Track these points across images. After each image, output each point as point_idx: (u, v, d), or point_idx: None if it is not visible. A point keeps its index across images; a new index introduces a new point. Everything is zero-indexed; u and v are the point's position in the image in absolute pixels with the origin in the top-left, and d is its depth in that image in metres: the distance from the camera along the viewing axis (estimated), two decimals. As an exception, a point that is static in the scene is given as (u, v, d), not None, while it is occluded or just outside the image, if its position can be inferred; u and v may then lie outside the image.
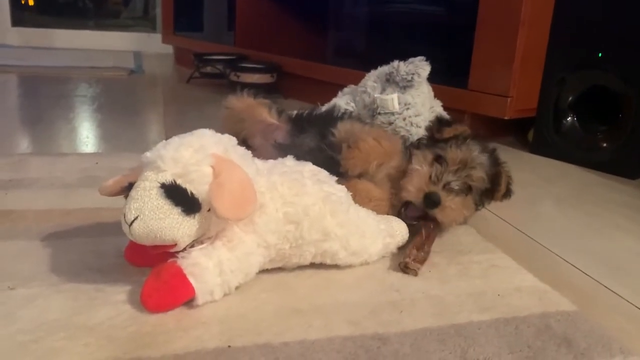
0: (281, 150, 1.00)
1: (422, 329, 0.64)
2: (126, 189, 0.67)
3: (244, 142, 1.11)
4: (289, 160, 0.80)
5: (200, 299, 0.65)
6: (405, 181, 0.87)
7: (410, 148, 0.95)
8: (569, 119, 1.49)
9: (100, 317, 0.62)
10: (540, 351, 0.61)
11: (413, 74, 1.21)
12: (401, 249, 0.83)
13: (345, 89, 1.42)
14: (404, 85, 1.23)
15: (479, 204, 0.91)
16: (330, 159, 0.93)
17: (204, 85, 2.42)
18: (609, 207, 1.16)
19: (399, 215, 0.87)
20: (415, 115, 1.23)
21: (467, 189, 0.87)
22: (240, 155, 0.70)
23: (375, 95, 1.24)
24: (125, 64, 2.94)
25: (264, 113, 1.09)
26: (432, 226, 0.83)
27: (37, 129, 1.53)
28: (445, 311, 0.68)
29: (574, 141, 1.48)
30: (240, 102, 1.12)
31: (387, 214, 0.88)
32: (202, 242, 0.68)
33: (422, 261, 0.75)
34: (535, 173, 1.42)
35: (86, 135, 1.50)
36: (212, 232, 0.67)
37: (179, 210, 0.63)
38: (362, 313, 0.66)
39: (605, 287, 0.80)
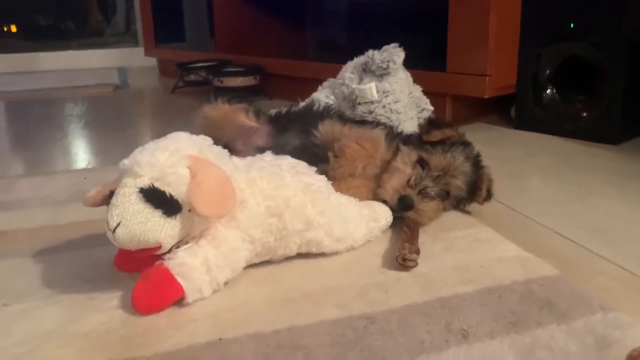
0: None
1: (407, 305, 0.65)
2: (108, 198, 0.69)
3: (225, 147, 1.12)
4: (267, 156, 0.81)
5: (189, 297, 0.66)
6: (385, 178, 0.89)
7: (398, 141, 0.96)
8: (548, 91, 1.51)
9: (93, 323, 0.64)
10: (523, 315, 0.62)
11: (388, 61, 1.23)
12: (389, 246, 0.84)
13: (325, 83, 1.44)
14: (381, 74, 1.25)
15: (457, 207, 0.93)
16: (315, 156, 0.94)
17: (188, 93, 2.43)
18: (591, 174, 1.17)
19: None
20: (395, 102, 1.24)
21: (444, 195, 0.89)
22: (216, 154, 0.72)
23: (354, 86, 1.25)
24: (109, 80, 2.95)
25: (241, 117, 1.10)
26: (411, 224, 0.84)
27: (27, 152, 1.55)
28: (430, 286, 0.70)
29: (555, 113, 1.50)
30: (216, 110, 1.12)
31: (368, 199, 0.89)
32: (187, 242, 0.69)
33: (417, 252, 0.76)
34: (519, 148, 1.43)
35: (75, 153, 1.52)
36: (195, 232, 0.69)
37: (160, 213, 0.64)
38: (350, 295, 0.68)
39: (588, 249, 0.82)
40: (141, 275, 0.67)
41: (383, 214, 0.85)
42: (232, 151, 1.09)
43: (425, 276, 0.73)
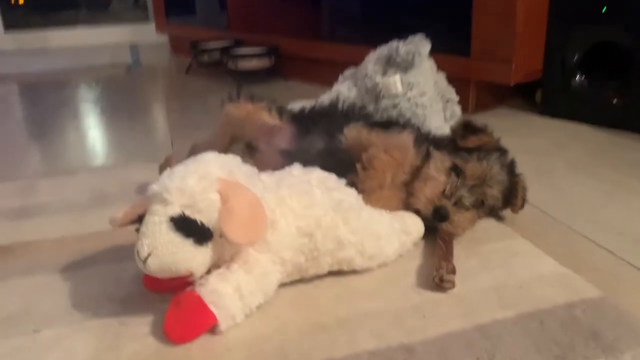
0: (288, 158, 0.99)
1: (447, 334, 0.63)
2: (136, 221, 0.67)
3: (248, 145, 1.10)
4: (296, 169, 0.79)
5: (222, 324, 0.65)
6: (418, 187, 0.85)
7: (428, 145, 0.92)
8: (577, 77, 1.45)
9: (127, 354, 0.63)
10: (568, 348, 0.60)
11: (413, 53, 1.18)
12: (424, 264, 0.82)
13: (346, 72, 1.39)
14: (406, 66, 1.21)
15: (490, 215, 0.91)
16: (341, 162, 0.92)
17: (202, 74, 2.39)
18: (625, 170, 1.14)
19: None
20: (420, 95, 1.20)
21: (479, 204, 0.86)
22: (246, 175, 0.69)
23: (377, 80, 1.21)
24: (122, 58, 2.92)
25: (264, 116, 1.07)
26: (446, 237, 0.82)
27: (43, 144, 1.54)
28: (468, 311, 0.68)
29: (584, 100, 1.45)
30: (238, 109, 1.09)
31: (398, 209, 0.86)
32: (218, 266, 0.68)
33: (453, 271, 0.73)
34: (545, 137, 1.39)
35: (92, 145, 1.50)
36: (227, 256, 0.67)
37: (191, 242, 0.62)
38: (386, 322, 0.66)
39: (629, 263, 0.79)
40: (172, 301, 0.66)
41: (415, 226, 0.83)
42: (255, 150, 1.08)
43: (463, 298, 0.70)
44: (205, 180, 0.64)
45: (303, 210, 0.72)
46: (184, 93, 2.17)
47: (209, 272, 0.67)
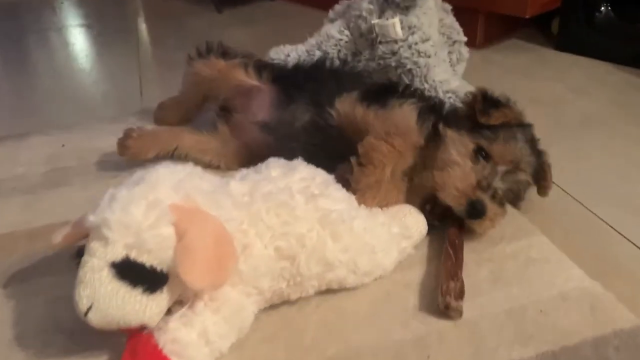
0: (267, 131, 0.84)
1: (455, 385, 0.53)
2: (75, 256, 0.54)
3: (223, 108, 0.94)
4: (275, 167, 0.65)
5: (187, 375, 0.54)
6: (441, 177, 0.70)
7: (436, 119, 0.77)
8: (602, 8, 1.27)
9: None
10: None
11: (416, -9, 1.00)
12: (429, 281, 0.70)
13: (337, 7, 1.20)
14: (407, 5, 1.02)
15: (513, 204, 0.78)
16: (330, 139, 0.78)
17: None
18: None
19: (422, 210, 0.73)
20: (423, 41, 1.03)
21: (512, 195, 0.73)
22: (208, 193, 0.56)
23: (373, 22, 1.03)
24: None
25: (240, 74, 0.91)
26: (456, 241, 0.69)
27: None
28: (481, 347, 0.57)
29: (609, 35, 1.27)
30: (209, 67, 0.93)
31: (398, 202, 0.73)
32: (181, 302, 0.56)
33: (461, 295, 0.62)
34: (561, 80, 1.23)
35: (46, 94, 1.31)
36: (189, 294, 0.55)
37: (141, 291, 0.50)
38: (383, 363, 0.56)
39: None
40: (127, 345, 0.55)
41: (416, 227, 0.71)
42: (230, 114, 0.93)
43: (474, 328, 0.60)
44: (155, 210, 0.51)
45: (283, 227, 0.59)
46: (158, 16, 1.95)
47: (169, 311, 0.55)
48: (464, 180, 0.69)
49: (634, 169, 0.88)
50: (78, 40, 1.76)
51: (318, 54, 1.10)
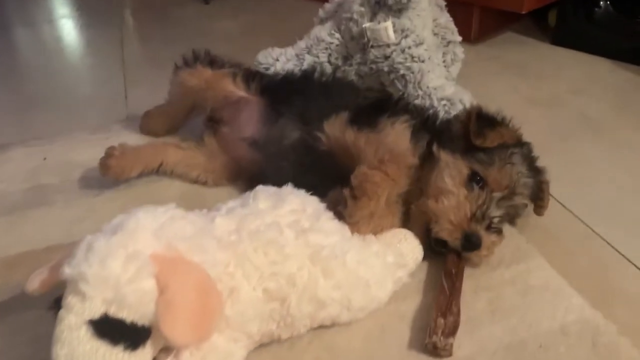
0: (255, 149, 0.81)
1: None
2: (53, 307, 0.51)
3: (210, 119, 0.91)
4: (263, 198, 0.62)
5: None
6: (435, 208, 0.67)
7: (431, 137, 0.74)
8: (601, 3, 1.23)
9: None
10: None
11: (409, -6, 0.95)
12: (422, 320, 0.67)
13: (327, 6, 1.16)
14: (399, 8, 0.98)
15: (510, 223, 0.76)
16: (320, 159, 0.74)
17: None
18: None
19: (424, 238, 0.69)
20: (416, 45, 0.99)
21: (509, 220, 0.71)
22: (190, 238, 0.52)
23: (365, 26, 0.99)
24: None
25: (228, 85, 0.87)
26: (453, 270, 0.66)
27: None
28: (478, 390, 0.55)
29: (610, 29, 1.23)
30: (195, 77, 0.89)
31: (394, 226, 0.71)
32: (166, 349, 0.53)
33: (453, 331, 0.59)
34: (559, 78, 1.20)
35: (27, 100, 1.26)
36: (174, 343, 0.52)
37: (122, 349, 0.47)
38: (378, 411, 0.54)
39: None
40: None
41: (411, 253, 0.68)
42: (218, 124, 0.89)
43: (471, 367, 0.58)
44: (134, 262, 0.48)
45: (271, 267, 0.56)
46: (144, 6, 1.89)
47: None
48: (458, 212, 0.66)
49: (637, 181, 0.86)
50: (62, 34, 1.70)
51: (308, 58, 1.06)
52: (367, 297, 0.62)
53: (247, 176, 0.85)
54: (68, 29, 1.74)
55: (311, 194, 0.65)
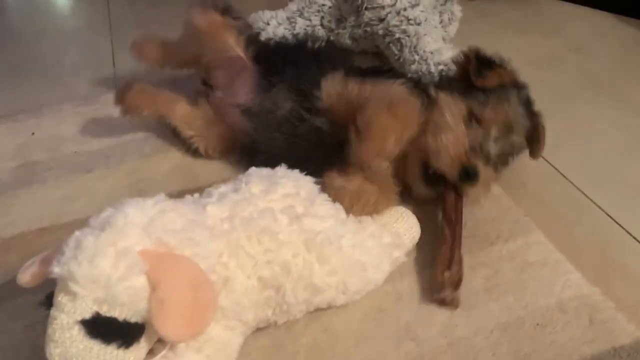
0: (249, 116, 0.79)
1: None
2: (44, 303, 0.51)
3: (204, 83, 0.89)
4: (255, 182, 0.60)
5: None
6: (435, 140, 0.67)
7: (433, 88, 0.74)
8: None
9: None
10: None
11: (404, -48, 0.91)
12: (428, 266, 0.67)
13: (319, -36, 1.11)
14: (394, -33, 0.94)
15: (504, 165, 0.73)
16: (315, 131, 0.73)
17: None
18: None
19: (424, 178, 0.69)
20: (412, 6, 0.95)
21: (505, 159, 0.71)
22: (181, 231, 0.51)
23: (358, -14, 0.95)
24: None
25: (230, 39, 0.84)
26: (453, 216, 0.67)
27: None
28: (475, 370, 0.55)
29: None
30: (204, 19, 0.86)
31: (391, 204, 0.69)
32: (162, 341, 0.53)
33: (458, 282, 0.61)
34: (561, 36, 1.16)
35: (12, 66, 1.22)
36: (170, 334, 0.52)
37: (115, 347, 0.47)
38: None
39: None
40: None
41: (408, 233, 0.67)
42: (211, 90, 0.87)
43: (468, 346, 0.58)
44: (124, 259, 0.47)
45: (266, 255, 0.55)
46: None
47: (151, 350, 0.53)
48: (457, 145, 0.67)
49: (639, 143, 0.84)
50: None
51: (300, 21, 1.02)
52: (364, 280, 0.61)
53: (239, 148, 0.84)
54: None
55: (305, 173, 0.64)
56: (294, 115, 0.76)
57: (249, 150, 0.81)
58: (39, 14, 1.48)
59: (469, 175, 0.66)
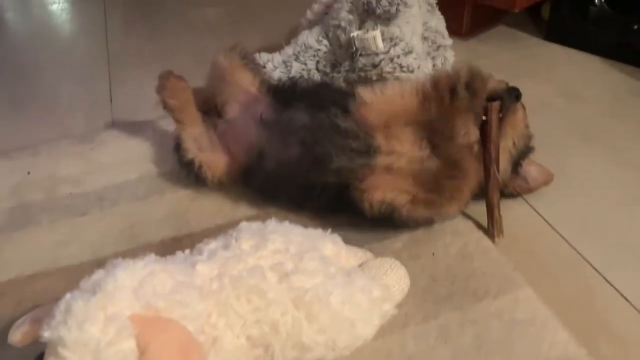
0: (267, 128, 0.84)
1: None
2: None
3: (218, 113, 0.93)
4: (246, 238, 0.61)
5: None
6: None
7: None
8: (596, 1, 1.20)
9: None
10: None
11: (398, 4, 0.93)
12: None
13: (315, 6, 1.13)
14: (388, 17, 0.96)
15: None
16: (334, 130, 0.79)
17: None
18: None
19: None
20: (405, 54, 0.97)
21: None
22: (170, 294, 0.52)
23: (352, 35, 0.97)
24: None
25: (247, 80, 0.92)
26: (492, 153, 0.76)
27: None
28: None
29: (605, 27, 1.20)
30: (227, 60, 0.94)
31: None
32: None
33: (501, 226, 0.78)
34: (552, 79, 1.18)
35: (12, 97, 1.23)
36: (158, 395, 0.52)
37: (103, 411, 0.47)
38: None
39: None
40: None
41: (397, 285, 0.67)
42: (222, 115, 0.91)
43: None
44: (113, 324, 0.47)
45: (254, 314, 0.56)
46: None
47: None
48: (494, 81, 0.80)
49: (635, 203, 0.85)
50: (43, 23, 1.65)
51: (295, 65, 1.04)
52: (353, 336, 0.61)
53: (241, 172, 0.86)
54: (52, 16, 1.70)
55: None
56: (314, 125, 0.80)
57: (251, 172, 0.84)
58: (37, 48, 1.50)
59: (515, 89, 0.80)
